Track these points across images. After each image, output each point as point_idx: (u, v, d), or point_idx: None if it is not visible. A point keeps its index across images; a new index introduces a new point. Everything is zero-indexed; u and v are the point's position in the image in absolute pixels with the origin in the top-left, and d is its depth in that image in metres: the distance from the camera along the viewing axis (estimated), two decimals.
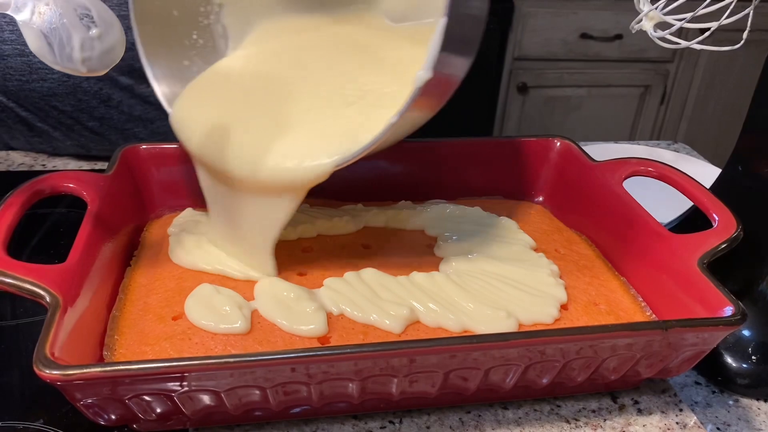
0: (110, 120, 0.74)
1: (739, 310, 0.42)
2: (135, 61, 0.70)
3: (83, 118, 0.73)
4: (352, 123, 0.45)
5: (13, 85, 0.71)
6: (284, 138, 0.46)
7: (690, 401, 0.49)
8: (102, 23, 0.39)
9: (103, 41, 0.40)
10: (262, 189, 0.47)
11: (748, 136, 0.53)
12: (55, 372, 0.35)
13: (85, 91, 0.71)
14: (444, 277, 0.49)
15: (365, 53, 0.50)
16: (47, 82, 0.70)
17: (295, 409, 0.43)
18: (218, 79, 0.52)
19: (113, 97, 0.73)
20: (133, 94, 0.73)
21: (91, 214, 0.48)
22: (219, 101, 0.50)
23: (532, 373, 0.43)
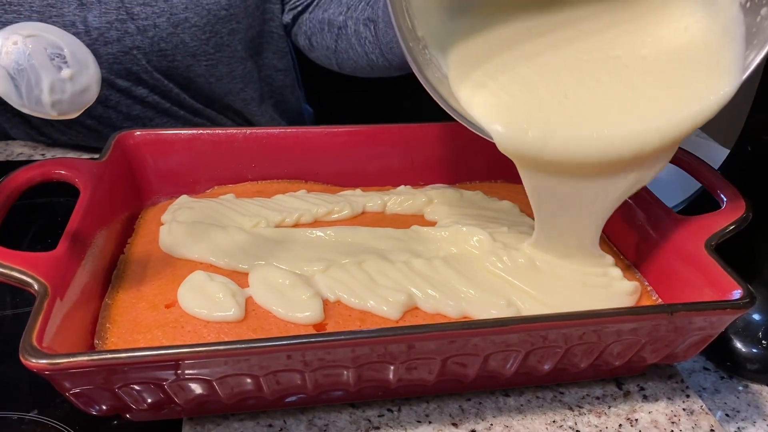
0: (108, 119, 0.74)
1: (747, 293, 0.41)
2: (131, 65, 0.70)
3: (80, 116, 0.72)
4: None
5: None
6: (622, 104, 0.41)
7: (698, 387, 0.48)
8: (75, 63, 0.37)
9: (75, 82, 0.37)
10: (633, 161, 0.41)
11: (757, 116, 0.51)
12: (42, 361, 0.34)
13: None
14: (443, 263, 0.48)
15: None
16: None
17: (290, 398, 0.42)
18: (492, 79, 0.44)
19: (111, 98, 0.72)
20: (130, 95, 0.73)
21: (84, 201, 0.47)
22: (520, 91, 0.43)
23: (533, 359, 0.41)
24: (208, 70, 0.74)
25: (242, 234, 0.50)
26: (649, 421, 0.44)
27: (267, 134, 0.58)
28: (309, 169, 0.60)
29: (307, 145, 0.59)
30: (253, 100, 0.81)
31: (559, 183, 0.43)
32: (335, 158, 0.60)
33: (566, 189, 0.43)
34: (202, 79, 0.74)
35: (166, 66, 0.71)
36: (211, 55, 0.72)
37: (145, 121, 0.75)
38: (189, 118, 0.78)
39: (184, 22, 0.69)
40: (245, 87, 0.79)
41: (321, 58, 0.80)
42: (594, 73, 0.43)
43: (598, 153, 0.41)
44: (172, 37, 0.69)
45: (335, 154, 0.59)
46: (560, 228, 0.46)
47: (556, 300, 0.44)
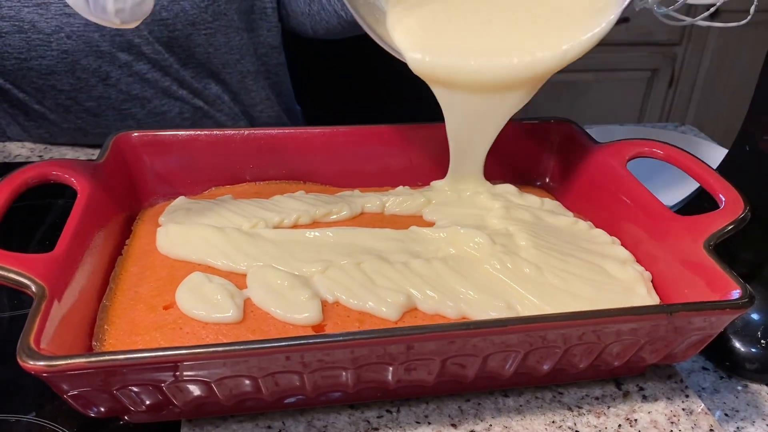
0: (108, 99, 0.74)
1: (746, 292, 0.41)
2: (133, 37, 0.70)
3: (81, 98, 0.73)
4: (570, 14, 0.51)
5: (11, 64, 0.70)
6: (515, 36, 0.52)
7: (697, 387, 0.48)
8: None
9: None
10: (502, 86, 0.52)
11: (756, 116, 0.51)
12: (40, 363, 0.34)
13: (84, 68, 0.71)
14: (442, 264, 0.48)
15: None
16: (46, 59, 0.69)
17: (289, 399, 0.42)
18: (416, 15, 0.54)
19: (111, 74, 0.72)
20: (131, 72, 0.73)
21: (81, 202, 0.47)
22: (430, 16, 0.53)
23: (532, 359, 0.41)
24: (206, 40, 0.74)
25: (240, 235, 0.49)
26: (649, 421, 0.44)
27: (265, 135, 0.58)
28: (307, 169, 0.60)
29: (304, 145, 0.59)
30: (249, 74, 0.82)
31: (464, 99, 0.53)
32: (333, 159, 0.59)
33: (470, 104, 0.53)
34: (201, 49, 0.74)
35: (166, 36, 0.71)
36: (210, 24, 0.73)
37: (143, 101, 0.75)
38: (187, 99, 0.78)
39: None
40: (242, 59, 0.79)
41: (296, 26, 0.83)
42: (499, 12, 0.53)
43: (497, 76, 0.51)
44: (172, 5, 0.70)
45: (333, 154, 0.59)
46: (464, 147, 0.56)
47: (558, 307, 0.44)
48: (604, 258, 0.50)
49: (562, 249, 0.50)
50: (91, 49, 0.69)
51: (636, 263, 0.50)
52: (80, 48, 0.69)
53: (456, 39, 0.52)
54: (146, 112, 0.76)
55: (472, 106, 0.53)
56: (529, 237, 0.50)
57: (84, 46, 0.69)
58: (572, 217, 0.56)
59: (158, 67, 0.74)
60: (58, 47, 0.68)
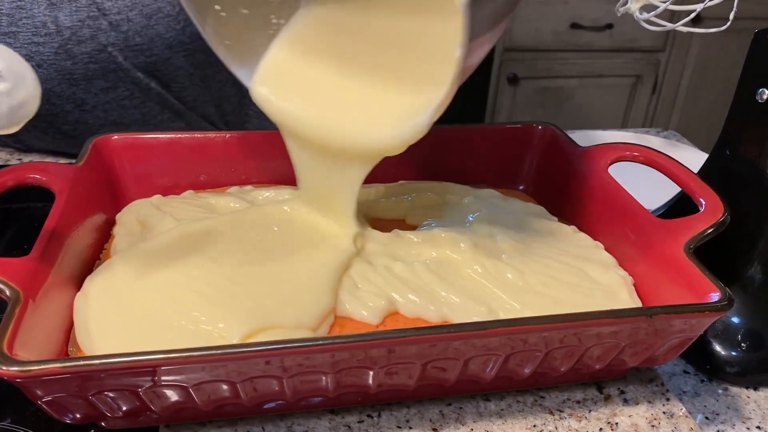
0: (85, 124, 0.72)
1: (725, 295, 0.41)
2: (108, 64, 0.68)
3: (57, 121, 0.71)
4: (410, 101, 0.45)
5: None
6: (358, 109, 0.46)
7: (678, 390, 0.48)
8: (11, 76, 0.35)
9: (12, 96, 0.35)
10: (339, 155, 0.47)
11: (735, 120, 0.52)
12: (13, 368, 0.34)
13: (57, 95, 0.69)
14: (424, 268, 0.48)
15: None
16: None
17: (268, 404, 0.42)
18: (287, 54, 0.50)
19: (87, 101, 0.70)
20: (108, 98, 0.71)
21: (59, 206, 0.46)
22: (295, 74, 0.49)
23: (513, 362, 0.41)
24: (186, 60, 0.72)
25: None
26: (630, 424, 0.44)
27: (245, 137, 0.58)
28: (289, 172, 0.59)
29: None
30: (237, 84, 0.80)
31: (306, 154, 0.50)
32: None
33: (310, 160, 0.50)
34: (183, 71, 0.73)
35: (143, 61, 0.69)
36: (188, 45, 0.71)
37: (122, 127, 0.74)
38: (168, 123, 0.76)
39: (157, 12, 0.67)
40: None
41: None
42: (359, 73, 0.47)
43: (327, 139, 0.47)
44: (146, 30, 0.68)
45: None
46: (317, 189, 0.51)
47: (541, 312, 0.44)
48: (588, 262, 0.50)
49: (546, 254, 0.50)
50: (64, 77, 0.68)
51: (619, 267, 0.50)
52: (52, 76, 0.67)
53: (310, 89, 0.48)
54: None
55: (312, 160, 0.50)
56: (512, 242, 0.50)
57: (56, 74, 0.67)
58: (556, 221, 0.56)
59: (138, 90, 0.72)
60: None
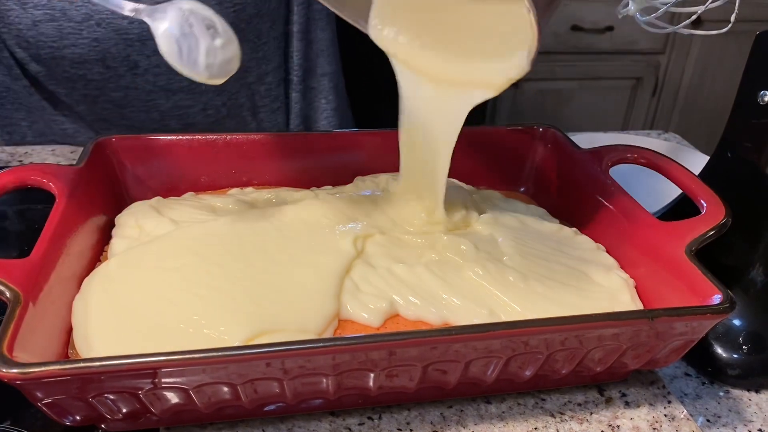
0: (134, 90, 0.74)
1: (727, 297, 0.41)
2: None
3: (109, 88, 0.74)
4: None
5: (46, 53, 0.71)
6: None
7: (679, 393, 0.48)
8: (225, 35, 0.43)
9: (224, 51, 0.43)
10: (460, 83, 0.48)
11: (737, 122, 0.52)
12: (13, 370, 0.34)
13: (113, 56, 0.71)
14: (426, 270, 0.48)
15: None
16: (78, 47, 0.70)
17: (269, 407, 0.42)
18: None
19: (140, 63, 0.72)
20: (160, 61, 0.72)
21: (60, 207, 0.46)
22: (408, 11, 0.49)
23: (514, 365, 0.41)
24: (236, 16, 0.73)
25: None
26: (631, 427, 0.44)
27: (247, 140, 0.58)
28: (292, 175, 0.59)
29: (287, 150, 0.58)
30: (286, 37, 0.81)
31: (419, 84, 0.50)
32: (318, 163, 0.59)
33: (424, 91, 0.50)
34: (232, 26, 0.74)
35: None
36: (237, 2, 0.72)
37: (169, 94, 0.75)
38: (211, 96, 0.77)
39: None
40: (274, 24, 0.79)
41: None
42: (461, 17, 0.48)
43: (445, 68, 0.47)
44: None
45: (318, 159, 0.59)
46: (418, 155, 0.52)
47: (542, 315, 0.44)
48: (589, 265, 0.49)
49: (547, 256, 0.50)
50: (120, 36, 0.69)
51: (620, 270, 0.50)
52: (110, 36, 0.69)
53: (428, 24, 0.49)
54: (171, 105, 0.76)
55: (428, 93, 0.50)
56: (514, 244, 0.50)
57: (113, 34, 0.69)
58: (557, 223, 0.56)
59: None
60: (89, 35, 0.69)
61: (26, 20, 0.69)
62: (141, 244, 0.48)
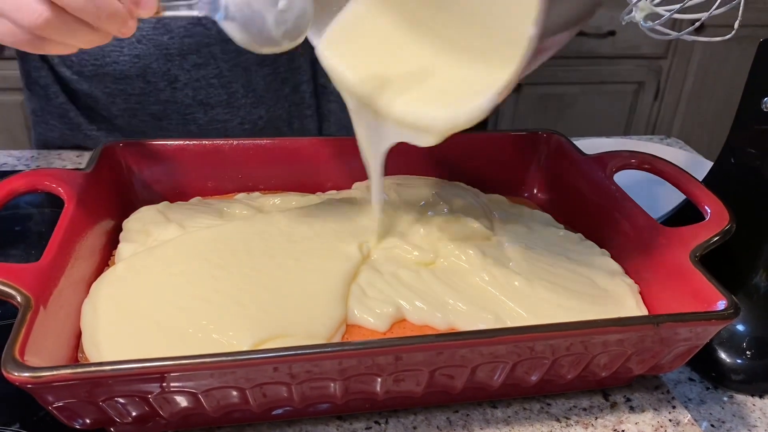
0: (174, 104, 0.74)
1: (732, 303, 0.41)
2: (203, 37, 0.70)
3: (148, 101, 0.74)
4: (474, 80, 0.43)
5: (89, 71, 0.72)
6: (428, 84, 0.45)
7: (684, 398, 0.48)
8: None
9: (292, 9, 0.42)
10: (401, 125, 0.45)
11: (741, 129, 0.52)
12: (25, 374, 0.34)
13: (154, 72, 0.72)
14: (432, 275, 0.48)
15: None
16: (119, 64, 0.71)
17: (276, 411, 0.42)
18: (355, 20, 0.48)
19: (180, 78, 0.73)
20: (198, 75, 0.73)
21: (68, 212, 0.47)
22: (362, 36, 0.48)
23: (520, 370, 0.41)
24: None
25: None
26: (636, 431, 0.45)
27: (254, 145, 0.58)
28: (298, 179, 0.60)
29: (294, 155, 0.59)
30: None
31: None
32: (324, 168, 0.60)
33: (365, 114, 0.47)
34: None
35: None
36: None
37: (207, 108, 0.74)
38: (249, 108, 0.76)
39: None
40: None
41: None
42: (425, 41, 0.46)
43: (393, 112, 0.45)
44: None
45: (325, 164, 0.59)
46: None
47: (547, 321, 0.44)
48: (594, 270, 0.50)
49: (553, 261, 0.50)
50: (161, 52, 0.70)
51: (625, 275, 0.50)
52: (151, 51, 0.70)
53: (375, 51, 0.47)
54: (209, 119, 0.76)
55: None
56: (520, 249, 0.50)
57: (154, 50, 0.70)
58: (563, 229, 0.56)
59: (227, 69, 0.73)
60: (130, 52, 0.70)
61: None
62: (148, 248, 0.48)
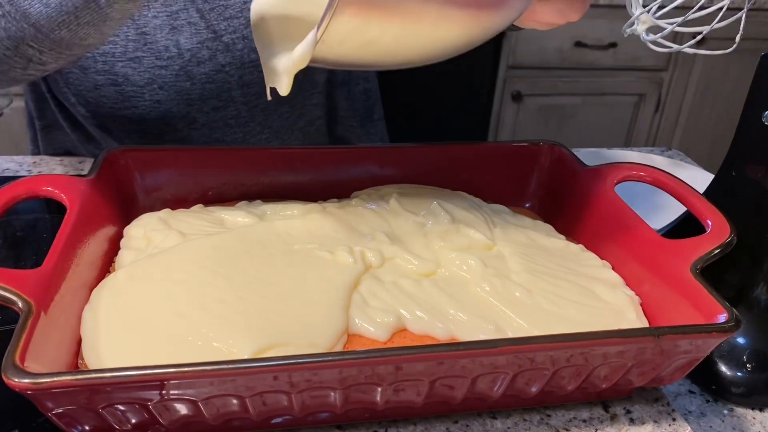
0: (190, 141, 0.75)
1: (733, 316, 0.41)
2: (224, 83, 0.70)
3: (165, 137, 0.74)
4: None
5: (105, 112, 0.72)
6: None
7: (684, 410, 0.48)
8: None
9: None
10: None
11: (741, 141, 0.52)
12: (25, 380, 0.34)
13: (173, 115, 0.72)
14: (433, 285, 0.48)
15: None
16: (138, 108, 0.71)
17: (276, 419, 0.42)
18: None
19: (198, 119, 0.73)
20: (217, 117, 0.74)
21: (70, 218, 0.47)
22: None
23: (520, 381, 0.41)
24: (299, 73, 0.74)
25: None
26: None
27: (256, 153, 0.58)
28: (300, 187, 0.60)
29: (296, 163, 0.59)
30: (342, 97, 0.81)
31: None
32: (325, 177, 0.60)
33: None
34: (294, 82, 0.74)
35: (257, 77, 0.72)
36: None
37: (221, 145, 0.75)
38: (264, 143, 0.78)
39: None
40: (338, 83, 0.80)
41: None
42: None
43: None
44: None
45: (325, 173, 0.60)
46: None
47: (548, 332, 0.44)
48: (595, 282, 0.50)
49: (554, 272, 0.50)
50: (182, 98, 0.70)
51: (626, 287, 0.50)
52: (172, 97, 0.70)
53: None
54: None
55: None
56: (521, 260, 0.50)
57: (175, 95, 0.70)
58: (564, 239, 0.56)
59: (246, 110, 0.74)
60: (151, 98, 0.70)
61: (87, 84, 0.69)
62: (149, 256, 0.48)
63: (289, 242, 0.50)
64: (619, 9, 1.65)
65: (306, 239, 0.51)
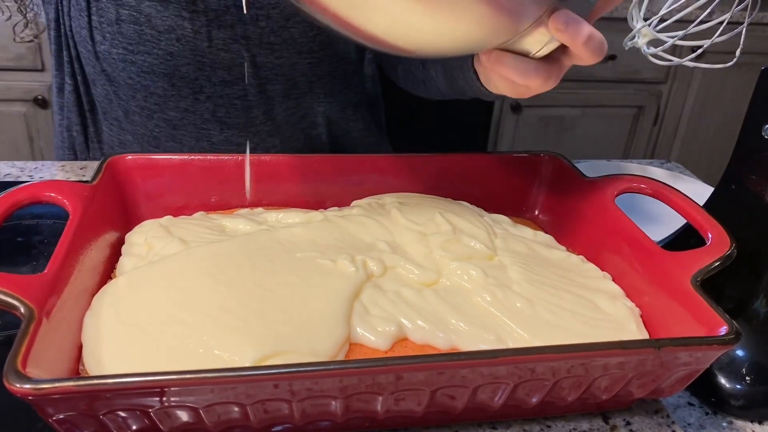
0: (192, 114, 0.74)
1: (733, 329, 0.41)
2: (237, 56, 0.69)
3: (168, 105, 0.73)
4: None
5: (118, 53, 0.71)
6: None
7: (683, 423, 0.48)
8: None
9: None
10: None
11: (741, 154, 0.52)
12: (26, 386, 0.34)
13: (181, 76, 0.71)
14: (434, 294, 0.48)
15: None
16: (150, 56, 0.69)
17: (276, 428, 0.42)
18: None
19: (205, 89, 0.72)
20: (222, 93, 0.73)
21: (73, 224, 0.47)
22: None
23: (520, 391, 0.41)
24: (311, 69, 0.73)
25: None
26: None
27: (257, 161, 0.58)
28: (301, 195, 0.60)
29: (297, 171, 0.59)
30: (350, 104, 0.81)
31: None
32: (326, 185, 0.60)
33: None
34: (304, 78, 0.74)
35: (272, 62, 0.71)
36: (316, 53, 0.72)
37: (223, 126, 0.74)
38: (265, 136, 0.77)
39: (296, 15, 0.68)
40: (345, 88, 0.79)
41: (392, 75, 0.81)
42: None
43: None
44: (282, 31, 0.69)
45: (326, 181, 0.60)
46: None
47: (549, 342, 0.44)
48: (596, 293, 0.50)
49: (555, 283, 0.50)
50: (195, 57, 0.69)
51: (626, 298, 0.50)
52: (185, 53, 0.69)
53: None
54: (222, 138, 0.76)
55: None
56: (522, 270, 0.51)
57: (189, 53, 0.69)
58: (564, 251, 0.56)
59: (255, 92, 0.73)
60: (166, 47, 0.69)
61: (110, 15, 0.68)
62: (150, 263, 0.49)
63: (291, 250, 0.50)
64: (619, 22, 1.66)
65: (308, 247, 0.51)
